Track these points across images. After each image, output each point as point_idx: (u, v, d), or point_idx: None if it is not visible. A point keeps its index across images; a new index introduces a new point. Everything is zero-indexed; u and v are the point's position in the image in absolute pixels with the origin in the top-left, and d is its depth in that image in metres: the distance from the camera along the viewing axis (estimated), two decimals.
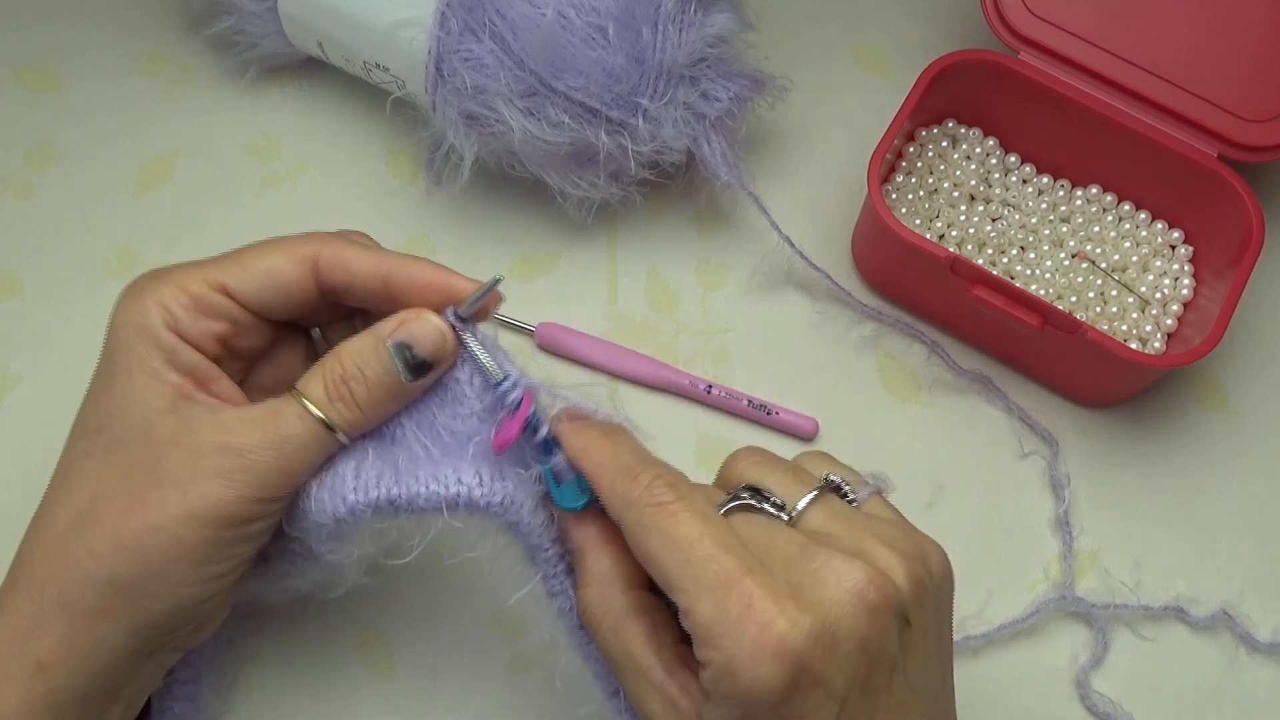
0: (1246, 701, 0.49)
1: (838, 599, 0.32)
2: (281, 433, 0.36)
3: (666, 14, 0.49)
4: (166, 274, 0.38)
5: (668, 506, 0.34)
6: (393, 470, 0.37)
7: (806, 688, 0.32)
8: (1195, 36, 0.52)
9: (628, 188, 0.53)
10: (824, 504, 0.36)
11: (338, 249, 0.38)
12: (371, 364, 0.37)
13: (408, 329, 0.37)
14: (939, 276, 0.50)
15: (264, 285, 0.38)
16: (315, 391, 0.37)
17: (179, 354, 0.37)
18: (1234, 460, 0.53)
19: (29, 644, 0.36)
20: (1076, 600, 0.49)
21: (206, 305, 0.37)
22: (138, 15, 0.60)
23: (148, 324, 0.37)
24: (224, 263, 0.38)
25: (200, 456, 0.36)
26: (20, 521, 0.50)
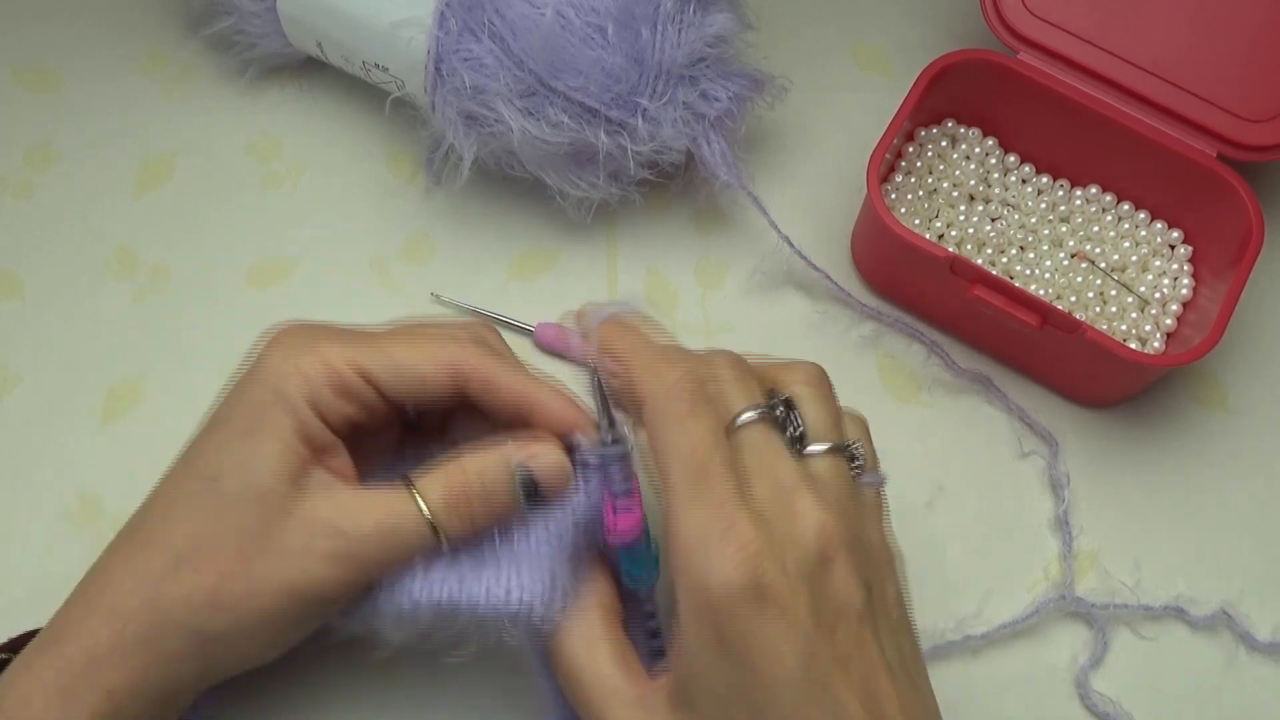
0: (1246, 701, 0.49)
1: (808, 535, 0.34)
2: (393, 528, 0.37)
3: (666, 14, 0.49)
4: (313, 343, 0.39)
5: (692, 411, 0.35)
6: (458, 575, 0.38)
7: (768, 606, 0.32)
8: (1195, 36, 0.52)
9: (627, 187, 0.53)
10: (835, 461, 0.37)
11: (480, 363, 0.39)
12: (497, 487, 0.38)
13: (539, 462, 0.38)
14: (939, 276, 0.50)
15: (404, 380, 0.39)
16: (434, 496, 0.37)
17: (311, 428, 0.38)
18: (1234, 460, 0.53)
19: (104, 671, 0.36)
20: (1076, 600, 0.49)
21: (348, 389, 0.38)
22: (138, 15, 0.60)
23: (289, 392, 0.37)
24: (371, 350, 0.39)
25: (311, 535, 0.36)
26: (21, 520, 0.50)
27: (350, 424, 0.39)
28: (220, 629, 0.36)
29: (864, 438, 0.40)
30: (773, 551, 0.33)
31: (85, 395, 0.52)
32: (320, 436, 0.38)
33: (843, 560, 0.34)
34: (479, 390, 0.39)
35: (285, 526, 0.36)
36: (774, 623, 0.33)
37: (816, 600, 0.33)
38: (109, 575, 0.38)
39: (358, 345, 0.39)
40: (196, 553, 0.37)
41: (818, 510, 0.34)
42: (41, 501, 0.50)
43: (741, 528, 0.33)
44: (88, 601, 0.37)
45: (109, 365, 0.52)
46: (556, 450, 0.39)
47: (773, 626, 0.33)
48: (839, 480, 0.37)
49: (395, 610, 0.38)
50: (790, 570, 0.33)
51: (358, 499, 0.37)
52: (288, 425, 0.37)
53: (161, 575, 0.37)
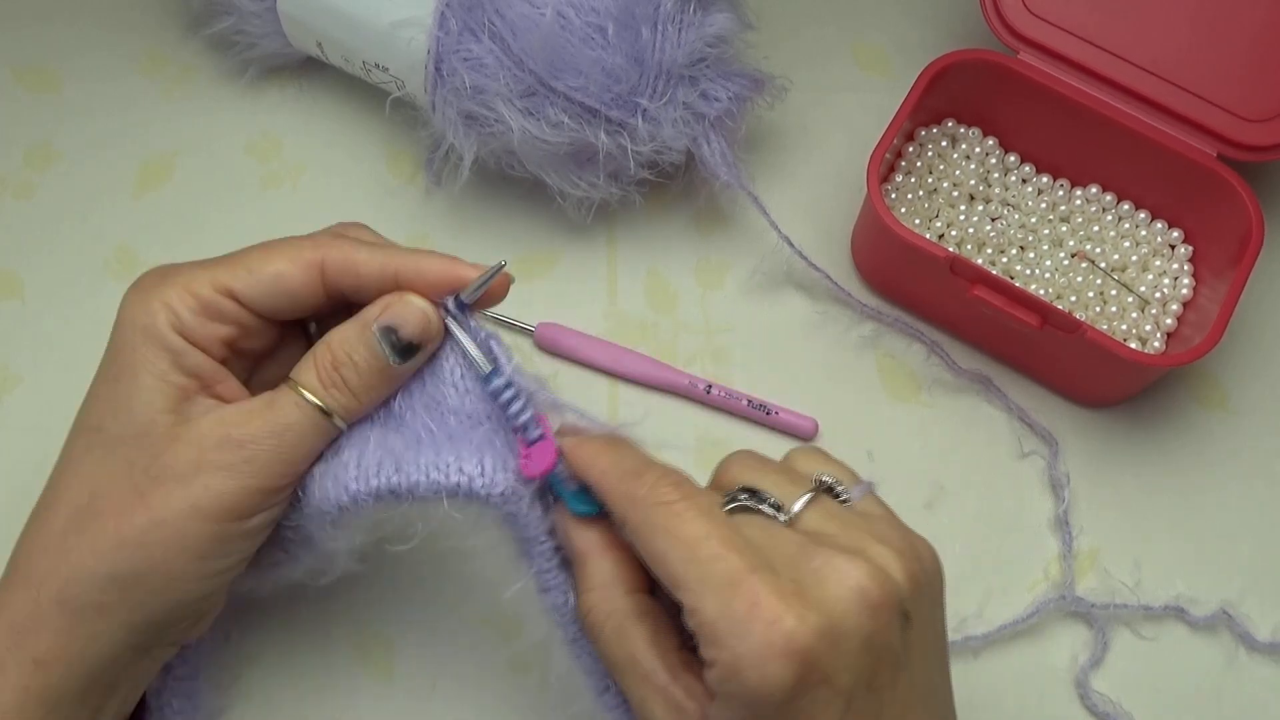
0: (1246, 701, 0.49)
1: (841, 597, 0.32)
2: (280, 421, 0.37)
3: (666, 14, 0.49)
4: (173, 275, 0.38)
5: (673, 505, 0.34)
6: (394, 458, 0.37)
7: (813, 686, 0.32)
8: (1195, 36, 0.52)
9: (627, 188, 0.53)
10: (819, 504, 0.36)
11: (344, 252, 0.38)
12: (360, 349, 0.37)
13: (391, 312, 0.37)
14: (939, 276, 0.50)
15: (271, 290, 0.38)
16: (309, 379, 0.37)
17: (185, 357, 0.37)
18: (1234, 460, 0.53)
19: (26, 640, 0.36)
20: (1076, 600, 0.49)
21: (213, 309, 0.37)
22: (138, 15, 0.60)
23: (154, 325, 0.37)
24: (230, 266, 0.38)
25: (202, 450, 0.36)
26: (20, 521, 0.50)
27: (227, 346, 0.38)
28: (133, 568, 0.36)
29: (825, 465, 0.39)
30: (811, 627, 0.32)
31: (85, 395, 0.52)
32: (198, 364, 0.37)
33: (881, 606, 0.33)
34: (351, 284, 0.38)
35: (175, 451, 0.36)
36: (820, 700, 0.32)
37: (858, 663, 0.32)
38: (22, 546, 0.37)
39: (216, 265, 0.38)
40: (95, 501, 0.36)
41: (839, 562, 0.33)
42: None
43: (772, 607, 0.32)
44: (6, 578, 0.37)
45: None
46: (411, 299, 0.38)
47: (818, 703, 0.32)
48: (839, 520, 0.36)
49: (334, 506, 0.37)
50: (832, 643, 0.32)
51: (241, 408, 0.37)
52: (159, 358, 0.37)
53: (64, 531, 0.36)
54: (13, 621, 0.36)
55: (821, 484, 0.37)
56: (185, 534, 0.36)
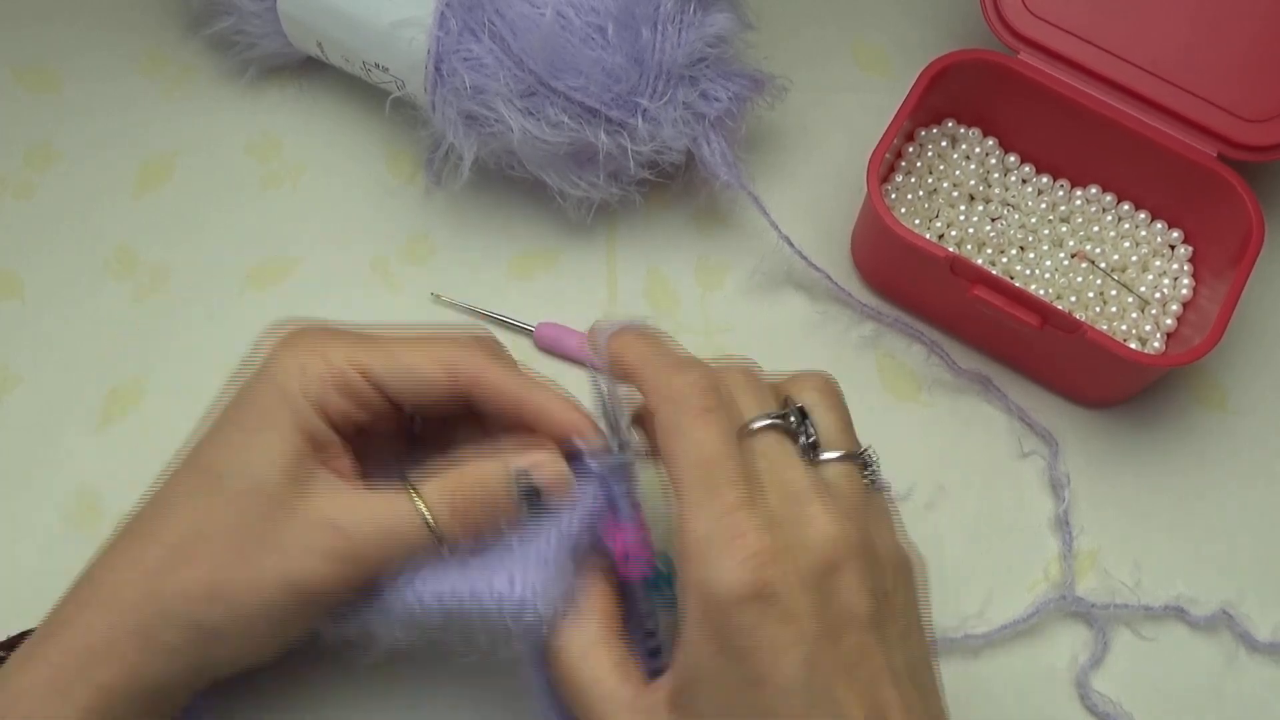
0: (1246, 701, 0.48)
1: (816, 538, 0.34)
2: (393, 529, 0.37)
3: (666, 14, 0.49)
4: (320, 341, 0.39)
5: (704, 414, 0.35)
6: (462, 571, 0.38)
7: (773, 613, 0.32)
8: (1195, 36, 0.52)
9: (627, 187, 0.53)
10: (848, 469, 0.37)
11: (478, 363, 0.39)
12: (495, 490, 0.38)
13: (537, 466, 0.38)
14: (939, 276, 0.50)
15: (406, 380, 0.39)
16: (434, 499, 0.38)
17: (315, 428, 0.38)
18: (1234, 460, 0.53)
19: (98, 665, 0.36)
20: (1076, 600, 0.49)
21: (352, 390, 0.38)
22: (138, 15, 0.60)
23: (294, 391, 0.38)
24: (372, 349, 0.39)
25: (312, 531, 0.37)
26: (20, 520, 0.50)
27: (353, 424, 0.39)
28: (217, 622, 0.36)
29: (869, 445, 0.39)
30: (781, 557, 0.33)
31: (85, 395, 0.52)
32: (324, 436, 0.38)
33: (852, 568, 0.34)
34: (479, 392, 0.39)
35: (285, 522, 0.37)
36: (778, 627, 0.32)
37: (823, 607, 0.33)
38: (107, 569, 0.38)
39: (362, 346, 0.39)
40: (196, 545, 0.37)
41: (828, 517, 0.34)
42: (41, 501, 0.50)
43: (750, 532, 0.33)
44: (85, 596, 0.37)
45: (109, 365, 0.52)
46: (557, 457, 0.39)
47: (777, 631, 0.32)
48: (851, 487, 0.36)
49: (402, 609, 0.38)
50: (797, 576, 0.33)
51: (359, 498, 0.38)
52: (292, 423, 0.37)
53: (159, 568, 0.37)
54: (87, 643, 0.36)
55: (862, 454, 0.38)
56: (273, 603, 0.36)
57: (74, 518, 0.49)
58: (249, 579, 0.36)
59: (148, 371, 0.52)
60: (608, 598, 0.39)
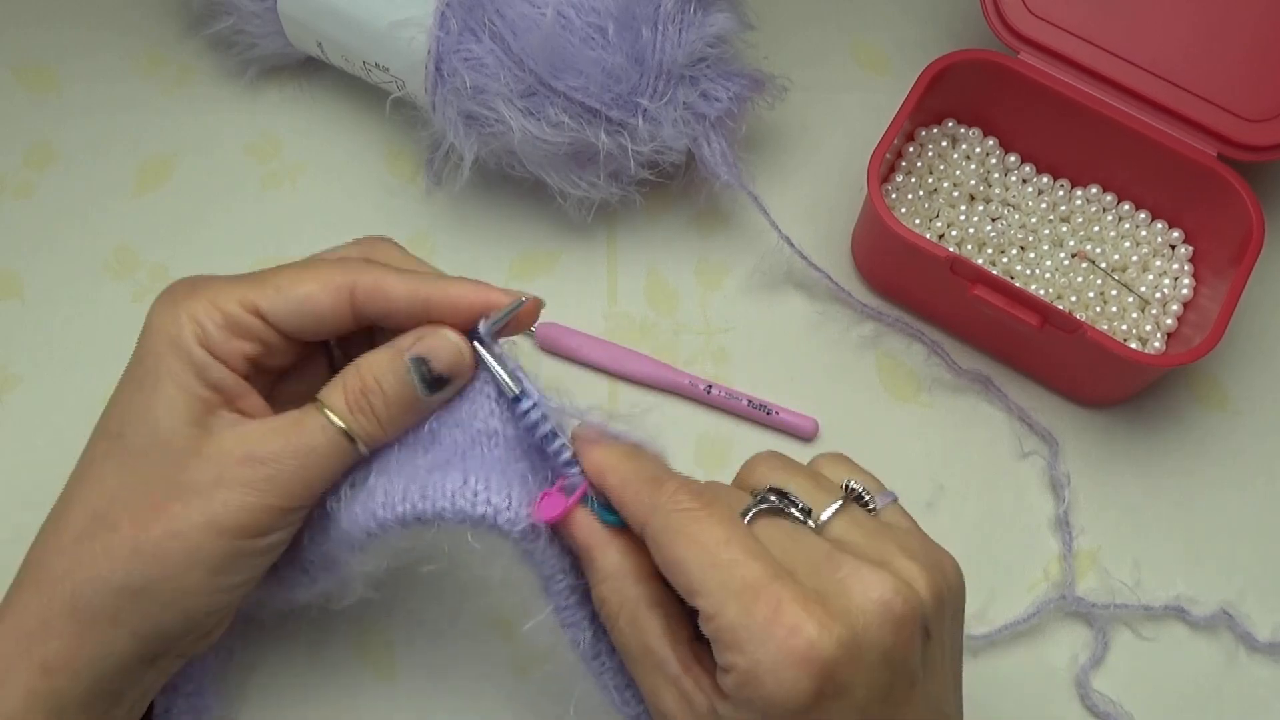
0: (1246, 701, 0.49)
1: (865, 609, 0.32)
2: (304, 442, 0.37)
3: (666, 14, 0.49)
4: (202, 288, 0.38)
5: (693, 512, 0.34)
6: (420, 484, 0.37)
7: (830, 697, 0.32)
8: (1195, 36, 0.52)
9: (627, 188, 0.53)
10: (846, 512, 0.36)
11: (375, 278, 0.38)
12: (390, 378, 0.37)
13: (425, 344, 0.37)
14: (939, 276, 0.50)
15: (298, 311, 0.38)
16: (336, 403, 0.37)
17: (209, 370, 0.37)
18: (1234, 460, 0.53)
19: (35, 644, 0.36)
20: (1077, 600, 0.49)
21: (239, 325, 0.38)
22: (137, 15, 0.60)
23: (180, 337, 0.37)
24: (259, 284, 0.38)
25: (224, 466, 0.36)
26: (19, 520, 0.50)
27: (250, 362, 0.38)
28: (146, 578, 0.36)
29: (852, 472, 0.39)
30: (833, 636, 0.31)
31: (85, 395, 0.52)
32: (221, 378, 0.37)
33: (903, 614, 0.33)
34: (372, 306, 0.38)
35: (195, 465, 0.36)
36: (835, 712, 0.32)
37: (875, 677, 0.32)
38: (36, 549, 0.37)
39: (245, 283, 0.38)
40: (112, 508, 0.36)
41: (865, 573, 0.33)
42: (42, 502, 0.49)
43: (793, 616, 0.31)
44: (18, 580, 0.37)
45: (109, 365, 0.52)
46: (445, 332, 0.38)
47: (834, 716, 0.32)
48: (866, 530, 0.36)
49: (362, 532, 0.37)
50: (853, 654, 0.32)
51: (266, 425, 0.37)
52: (183, 370, 0.37)
53: (80, 536, 0.36)
54: (23, 625, 0.36)
55: (851, 491, 0.37)
56: (200, 548, 0.36)
57: None
58: (169, 529, 0.35)
59: None
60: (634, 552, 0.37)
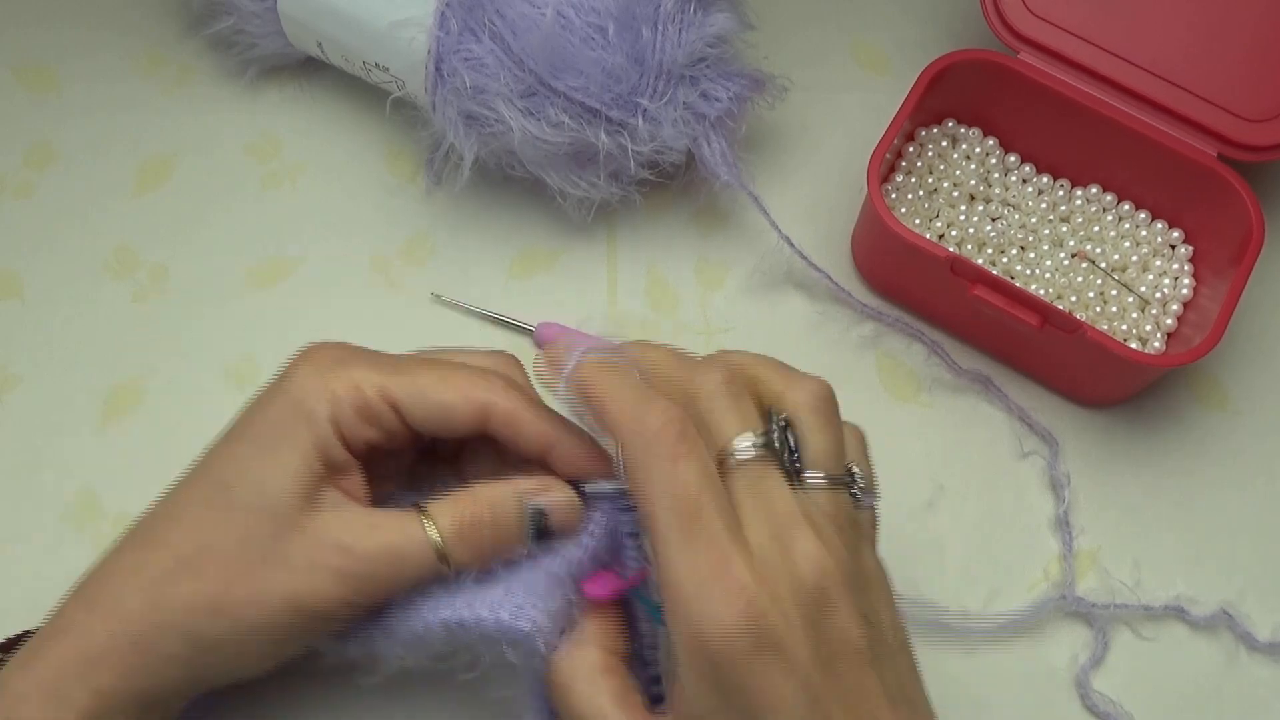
0: (1246, 701, 0.49)
1: (807, 574, 0.33)
2: (400, 551, 0.37)
3: (666, 14, 0.49)
4: (348, 365, 0.39)
5: (676, 453, 0.34)
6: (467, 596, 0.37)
7: (767, 650, 0.32)
8: (1195, 36, 0.52)
9: (627, 187, 0.53)
10: (834, 493, 0.36)
11: (511, 404, 0.39)
12: (505, 517, 0.38)
13: (551, 497, 0.38)
14: (939, 276, 0.50)
15: (431, 412, 0.39)
16: (445, 523, 0.37)
17: (332, 450, 0.38)
18: (1234, 460, 0.53)
19: (95, 669, 0.36)
20: (1077, 600, 0.49)
21: (373, 415, 0.38)
22: (137, 15, 0.60)
23: (313, 410, 0.37)
24: (401, 377, 0.39)
25: (319, 550, 0.36)
26: (20, 519, 0.50)
27: (369, 447, 0.39)
28: (218, 636, 0.36)
29: (862, 456, 0.39)
30: (770, 592, 0.32)
31: (85, 395, 0.52)
32: (338, 457, 0.38)
33: (843, 597, 0.33)
34: (503, 428, 0.39)
35: (293, 539, 0.36)
36: (775, 667, 0.32)
37: (817, 640, 0.33)
38: (111, 575, 0.38)
39: (388, 371, 0.39)
40: (201, 557, 0.37)
41: (817, 548, 0.33)
42: (41, 501, 0.50)
43: (736, 569, 0.32)
44: (88, 600, 0.37)
45: (109, 365, 0.52)
46: (569, 490, 0.39)
47: (773, 671, 0.32)
48: (839, 510, 0.36)
49: (407, 631, 0.38)
50: (789, 611, 0.33)
51: (368, 519, 0.37)
52: (308, 442, 0.37)
53: (164, 577, 0.37)
54: (86, 650, 0.36)
55: (850, 476, 0.37)
56: (275, 621, 0.36)
57: (74, 518, 0.49)
58: (253, 595, 0.36)
59: (148, 371, 0.52)
60: (610, 625, 0.38)
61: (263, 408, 0.39)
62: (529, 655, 0.37)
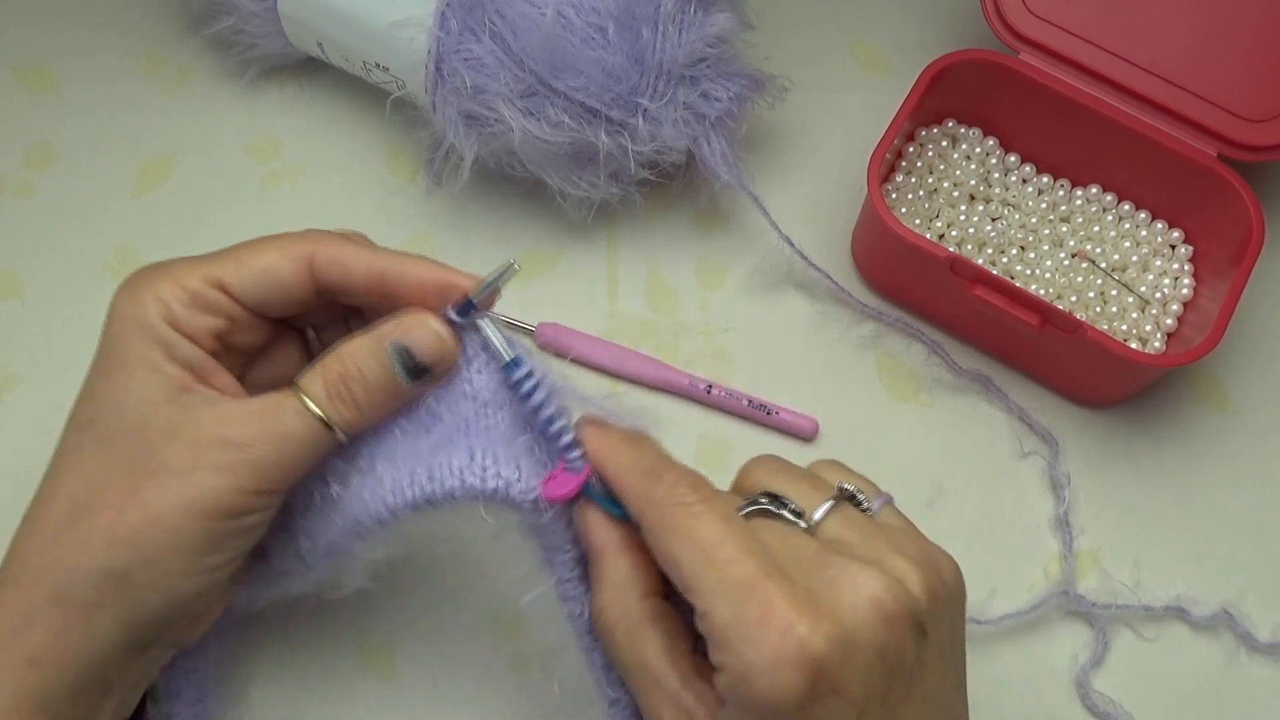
0: (1246, 701, 0.49)
1: (856, 606, 0.32)
2: (280, 428, 0.36)
3: (666, 14, 0.49)
4: (164, 269, 0.38)
5: (690, 507, 0.34)
6: (426, 467, 0.37)
7: (824, 695, 0.32)
8: (1195, 36, 0.52)
9: (628, 188, 0.53)
10: (840, 513, 0.36)
11: (334, 247, 0.38)
12: (371, 365, 0.37)
13: (407, 333, 0.37)
14: (939, 276, 0.50)
15: (260, 282, 0.38)
16: (315, 389, 0.37)
17: (177, 348, 0.37)
18: (1234, 460, 0.53)
19: (20, 638, 0.35)
20: (1078, 598, 0.49)
21: (204, 301, 0.37)
22: (137, 15, 0.60)
23: (145, 318, 0.37)
24: (220, 259, 0.38)
25: (199, 448, 0.36)
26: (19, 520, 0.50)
27: (219, 339, 0.38)
28: (127, 564, 0.35)
29: (846, 476, 0.38)
30: (821, 631, 0.31)
31: None
32: (189, 354, 0.37)
33: (894, 611, 0.33)
34: (339, 279, 0.38)
35: (169, 447, 0.36)
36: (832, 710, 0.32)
37: (871, 673, 0.32)
38: (16, 543, 0.37)
39: (207, 259, 0.38)
40: (89, 495, 0.36)
41: (854, 571, 0.33)
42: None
43: (780, 607, 0.32)
44: (1, 575, 0.37)
45: None
46: (428, 319, 0.37)
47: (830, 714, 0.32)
48: (858, 529, 0.35)
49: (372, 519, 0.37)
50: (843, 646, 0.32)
51: (242, 408, 0.37)
52: (153, 350, 0.36)
53: (59, 526, 0.36)
54: (6, 621, 0.36)
55: (843, 492, 0.37)
56: (179, 531, 0.35)
57: None
58: (147, 514, 0.35)
59: None
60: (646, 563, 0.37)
61: (102, 341, 0.38)
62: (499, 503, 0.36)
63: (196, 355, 0.37)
